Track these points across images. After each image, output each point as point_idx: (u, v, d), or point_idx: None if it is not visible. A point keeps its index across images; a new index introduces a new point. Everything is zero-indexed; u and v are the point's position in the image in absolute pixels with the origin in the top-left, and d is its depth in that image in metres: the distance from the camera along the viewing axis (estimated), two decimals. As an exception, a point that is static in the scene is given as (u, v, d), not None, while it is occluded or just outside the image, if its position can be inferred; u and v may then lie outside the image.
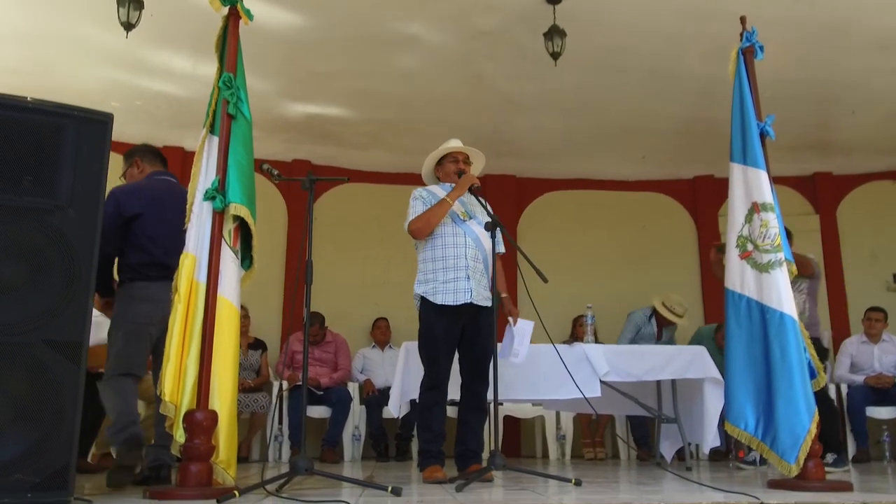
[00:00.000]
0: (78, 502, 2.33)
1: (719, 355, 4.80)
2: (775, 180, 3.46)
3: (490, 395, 3.53)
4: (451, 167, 3.92)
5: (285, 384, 6.17)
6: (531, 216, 7.86)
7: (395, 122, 6.76)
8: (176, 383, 2.75)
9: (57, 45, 5.44)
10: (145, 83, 6.01)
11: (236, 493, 2.55)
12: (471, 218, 3.85)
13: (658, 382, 5.03)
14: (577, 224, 7.87)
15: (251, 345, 6.35)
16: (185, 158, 7.16)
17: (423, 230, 3.77)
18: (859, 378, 6.24)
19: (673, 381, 4.91)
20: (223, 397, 2.83)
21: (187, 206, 3.01)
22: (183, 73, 5.81)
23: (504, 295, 3.85)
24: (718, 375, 4.57)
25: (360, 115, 6.64)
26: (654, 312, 6.38)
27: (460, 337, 3.73)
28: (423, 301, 3.76)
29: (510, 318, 3.84)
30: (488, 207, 3.76)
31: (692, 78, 5.83)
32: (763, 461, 4.70)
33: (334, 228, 6.95)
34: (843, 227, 7.71)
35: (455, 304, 3.66)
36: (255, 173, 3.12)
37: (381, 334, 6.92)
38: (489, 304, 3.70)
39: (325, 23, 5.17)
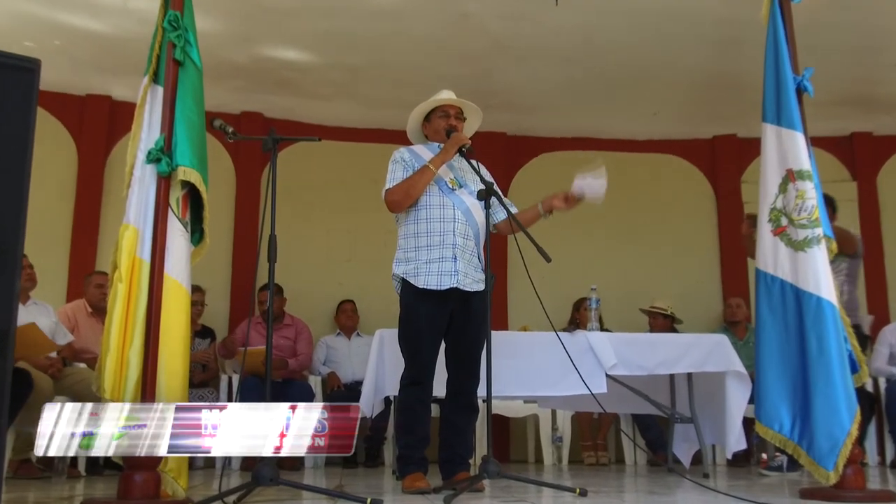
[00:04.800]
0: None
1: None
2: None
3: (482, 392, 3.56)
4: (440, 123, 3.87)
5: (235, 377, 6.16)
6: (524, 180, 7.87)
7: (364, 69, 6.71)
8: (117, 378, 2.77)
9: (-42, -28, 5.32)
10: (66, 19, 5.89)
11: (190, 506, 2.58)
12: (461, 186, 3.83)
13: (672, 376, 5.11)
14: (577, 190, 7.90)
15: (198, 333, 6.34)
16: (112, 109, 7.08)
17: (401, 203, 3.73)
18: (901, 371, 6.37)
19: (689, 375, 4.98)
20: (172, 394, 2.85)
21: (126, 169, 2.99)
22: (112, 8, 5.70)
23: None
24: (742, 368, 4.65)
25: (323, 59, 6.58)
26: None
27: (447, 324, 3.71)
28: (404, 283, 3.74)
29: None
30: (482, 172, 3.74)
31: (714, 22, 5.84)
32: (791, 467, 4.81)
33: (292, 194, 6.87)
34: (884, 196, 7.83)
35: (439, 288, 3.64)
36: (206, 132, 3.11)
37: (346, 319, 6.93)
38: (481, 287, 3.72)
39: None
